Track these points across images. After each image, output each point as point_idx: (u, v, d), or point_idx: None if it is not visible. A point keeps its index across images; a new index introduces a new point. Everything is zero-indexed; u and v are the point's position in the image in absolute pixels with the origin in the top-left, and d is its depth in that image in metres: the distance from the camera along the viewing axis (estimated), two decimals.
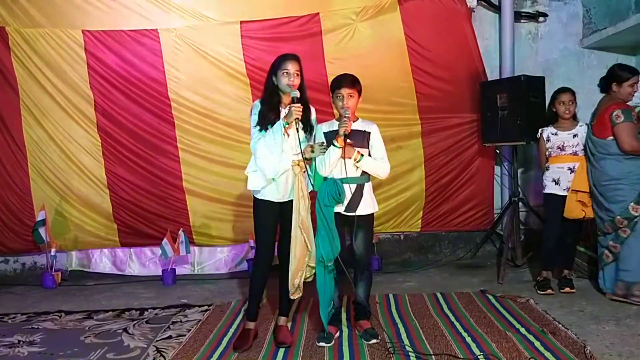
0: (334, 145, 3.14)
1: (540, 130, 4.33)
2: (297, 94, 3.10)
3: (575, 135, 4.16)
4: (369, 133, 3.28)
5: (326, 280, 3.21)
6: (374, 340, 3.22)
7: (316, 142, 3.19)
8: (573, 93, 4.19)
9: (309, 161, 3.20)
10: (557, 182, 4.19)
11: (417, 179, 5.33)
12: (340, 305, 3.49)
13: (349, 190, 3.19)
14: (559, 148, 4.21)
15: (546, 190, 4.27)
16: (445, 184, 5.36)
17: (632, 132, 3.82)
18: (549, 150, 4.26)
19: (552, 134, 4.24)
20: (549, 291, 4.11)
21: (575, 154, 4.17)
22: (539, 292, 4.15)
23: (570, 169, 4.16)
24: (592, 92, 4.10)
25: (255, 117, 3.15)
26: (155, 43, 5.06)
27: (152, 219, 5.21)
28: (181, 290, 4.76)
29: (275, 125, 3.09)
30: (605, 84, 3.99)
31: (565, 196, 4.15)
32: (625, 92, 3.89)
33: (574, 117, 4.23)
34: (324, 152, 3.12)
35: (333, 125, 3.27)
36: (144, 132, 5.15)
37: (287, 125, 3.08)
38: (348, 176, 3.15)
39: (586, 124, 4.13)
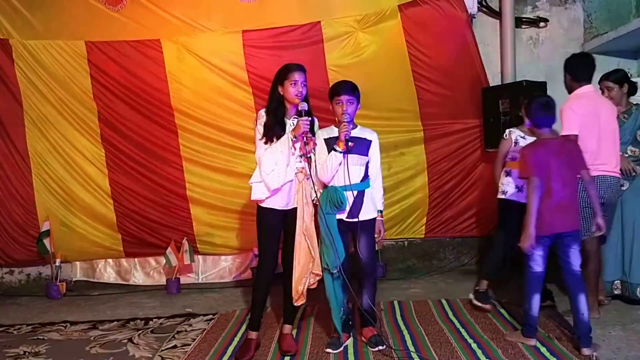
0: (335, 150, 3.15)
1: (507, 130, 4.03)
2: (305, 106, 3.11)
3: None
4: (370, 142, 3.29)
5: (335, 287, 3.22)
6: (380, 347, 3.22)
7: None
8: None
9: (308, 160, 3.16)
10: (520, 190, 3.82)
11: (420, 185, 5.33)
12: (350, 311, 3.49)
13: (350, 196, 3.20)
14: None
15: (507, 197, 3.92)
16: (448, 190, 5.35)
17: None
18: (513, 153, 3.91)
19: (521, 137, 3.92)
20: (488, 306, 3.88)
21: None
22: (476, 302, 3.90)
23: None
24: None
25: (260, 128, 3.15)
26: (158, 53, 5.07)
27: (156, 228, 5.21)
28: (186, 299, 4.77)
29: (282, 139, 3.09)
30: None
31: None
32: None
33: None
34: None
35: (332, 131, 3.27)
36: (147, 142, 5.17)
37: (294, 139, 3.09)
38: (350, 183, 3.16)
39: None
